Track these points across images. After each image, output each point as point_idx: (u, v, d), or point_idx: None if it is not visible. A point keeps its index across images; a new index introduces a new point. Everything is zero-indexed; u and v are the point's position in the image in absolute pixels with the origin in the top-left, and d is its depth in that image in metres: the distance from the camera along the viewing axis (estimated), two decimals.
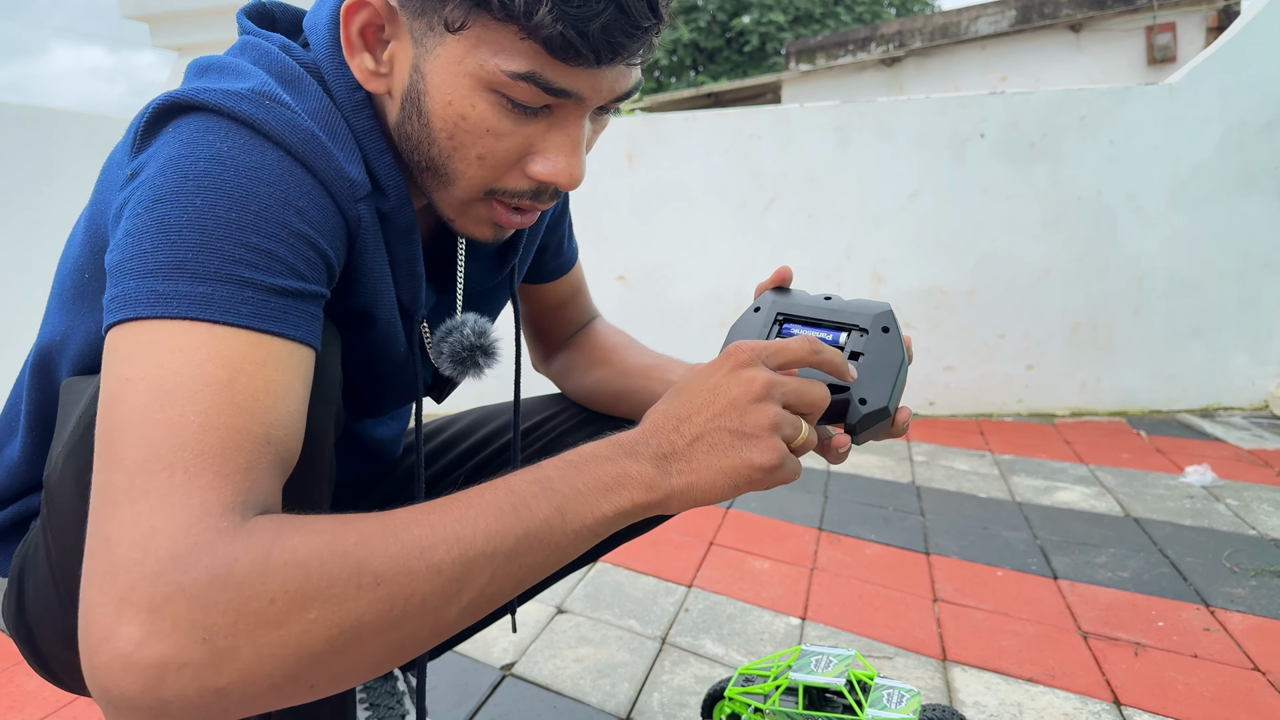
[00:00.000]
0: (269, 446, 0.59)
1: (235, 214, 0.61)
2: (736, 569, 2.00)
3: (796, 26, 19.66)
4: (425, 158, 0.74)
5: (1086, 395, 3.50)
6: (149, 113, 0.66)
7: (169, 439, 0.55)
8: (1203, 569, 1.94)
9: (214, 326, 0.59)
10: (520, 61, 0.66)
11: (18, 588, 0.82)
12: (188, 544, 0.51)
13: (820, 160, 3.54)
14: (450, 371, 0.92)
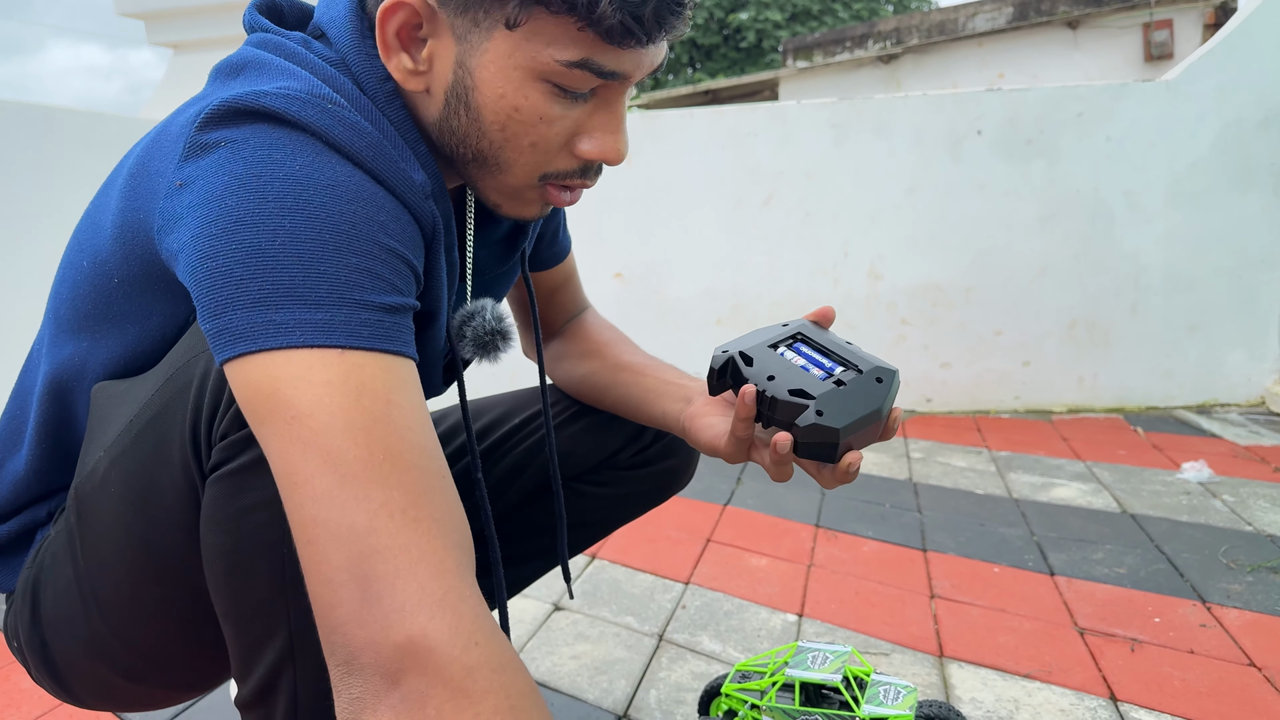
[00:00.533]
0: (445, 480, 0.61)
1: (328, 235, 0.60)
2: (734, 566, 2.00)
3: (793, 24, 19.64)
4: (474, 150, 0.75)
5: (1083, 392, 3.50)
6: (204, 116, 0.63)
7: (391, 483, 0.57)
8: (1199, 565, 1.94)
9: (345, 352, 0.58)
10: (574, 50, 0.68)
11: (32, 600, 0.80)
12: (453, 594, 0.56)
13: (817, 157, 3.54)
14: (471, 355, 0.93)
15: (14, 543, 0.86)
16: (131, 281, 0.72)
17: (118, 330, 0.75)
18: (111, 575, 0.73)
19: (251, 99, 0.63)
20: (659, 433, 1.20)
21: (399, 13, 0.69)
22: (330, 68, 0.71)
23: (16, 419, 0.86)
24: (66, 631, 0.77)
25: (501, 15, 0.66)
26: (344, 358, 0.58)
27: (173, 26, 3.95)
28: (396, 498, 0.56)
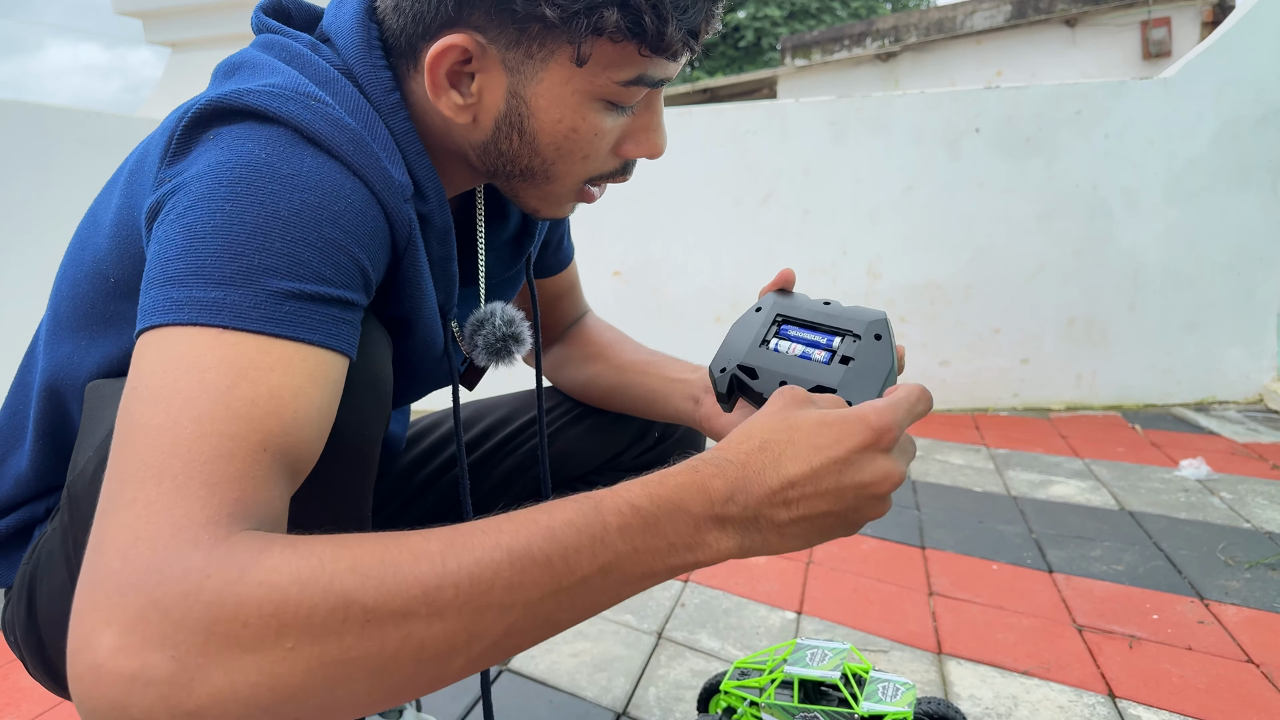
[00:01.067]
0: (266, 454, 0.56)
1: (261, 219, 0.60)
2: (732, 564, 2.01)
3: (792, 21, 19.64)
4: (523, 168, 0.77)
5: (1082, 389, 3.50)
6: (189, 116, 0.64)
7: (160, 446, 0.53)
8: (1197, 562, 1.95)
9: (222, 332, 0.57)
10: (631, 70, 0.71)
11: (28, 596, 0.80)
12: (165, 555, 0.49)
13: (816, 155, 3.54)
14: (485, 361, 0.94)
15: (13, 538, 0.86)
16: (126, 281, 0.73)
17: (114, 330, 0.76)
18: None
19: (234, 97, 0.64)
20: (663, 433, 1.20)
21: (450, 54, 0.70)
22: (334, 71, 0.71)
23: (17, 415, 0.86)
24: (62, 628, 0.77)
25: (566, 53, 0.69)
26: (220, 336, 0.57)
27: (171, 25, 3.95)
28: (173, 465, 0.52)
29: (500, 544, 0.52)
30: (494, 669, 1.56)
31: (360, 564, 0.50)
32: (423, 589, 0.50)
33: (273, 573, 0.49)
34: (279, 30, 0.75)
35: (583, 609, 0.55)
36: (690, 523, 0.57)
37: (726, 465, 0.59)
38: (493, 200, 0.96)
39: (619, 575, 0.55)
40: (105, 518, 0.52)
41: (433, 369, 0.90)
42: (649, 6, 0.66)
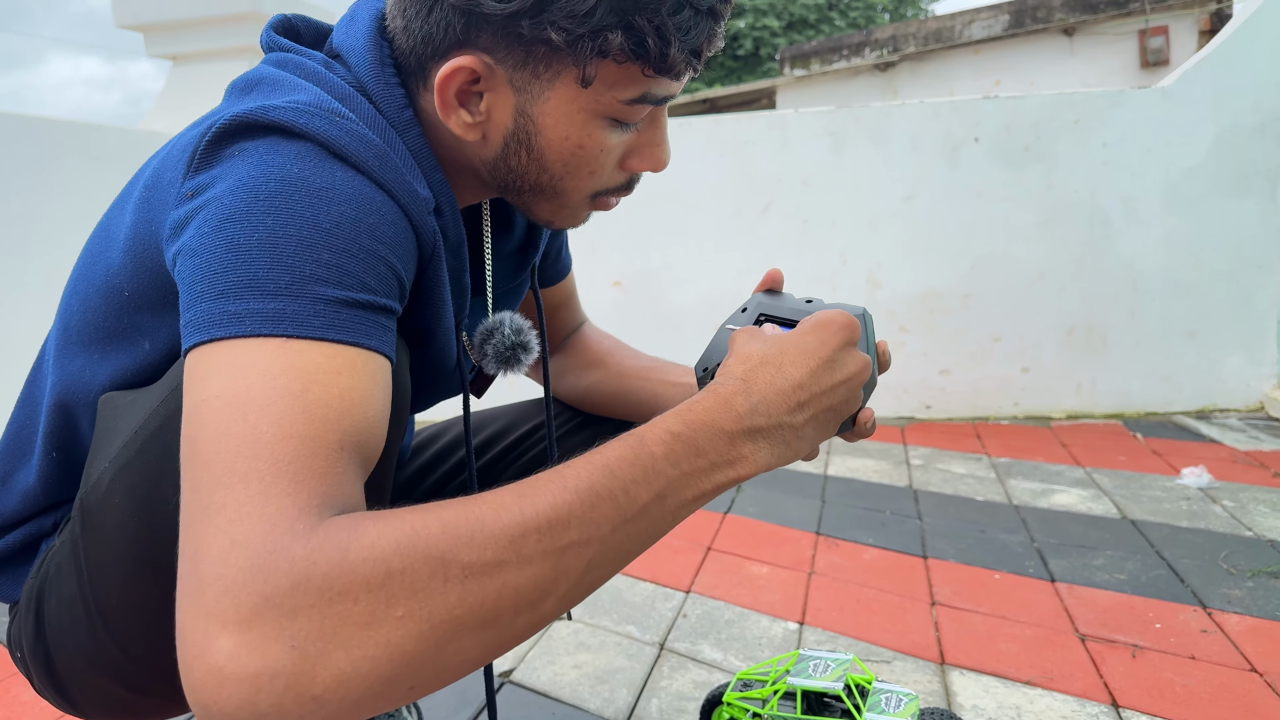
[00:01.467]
0: (343, 452, 0.57)
1: (305, 231, 0.61)
2: (734, 574, 2.00)
3: (790, 31, 19.71)
4: (532, 183, 0.79)
5: (1082, 398, 3.50)
6: (213, 131, 0.65)
7: (243, 451, 0.54)
8: (1200, 571, 1.94)
9: (287, 341, 0.59)
10: (635, 89, 0.72)
11: (36, 610, 0.80)
12: (266, 551, 0.50)
13: (815, 165, 3.55)
14: (495, 369, 0.95)
15: (19, 553, 0.86)
16: (142, 294, 0.73)
17: (127, 343, 0.76)
18: (115, 585, 0.73)
19: (260, 113, 0.64)
20: None
21: (459, 75, 0.71)
22: (349, 88, 0.73)
23: (25, 429, 0.86)
24: (70, 642, 0.77)
25: (571, 74, 0.70)
26: (285, 345, 0.58)
27: (171, 38, 3.96)
28: (258, 468, 0.54)
29: (567, 486, 0.57)
30: (496, 680, 1.55)
31: (449, 524, 0.53)
32: (509, 537, 0.53)
33: (372, 547, 0.51)
34: (291, 49, 0.76)
35: (646, 536, 0.60)
36: (725, 439, 0.63)
37: (740, 383, 0.66)
38: (498, 212, 0.97)
39: (674, 499, 0.61)
40: (195, 526, 0.53)
41: (445, 379, 0.91)
42: (652, 29, 0.67)
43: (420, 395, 0.91)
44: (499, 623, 0.53)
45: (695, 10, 0.69)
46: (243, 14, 3.77)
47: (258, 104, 0.66)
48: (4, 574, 0.87)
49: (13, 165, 2.62)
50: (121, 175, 2.90)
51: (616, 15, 0.67)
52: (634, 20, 0.67)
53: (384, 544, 0.51)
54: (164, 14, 3.87)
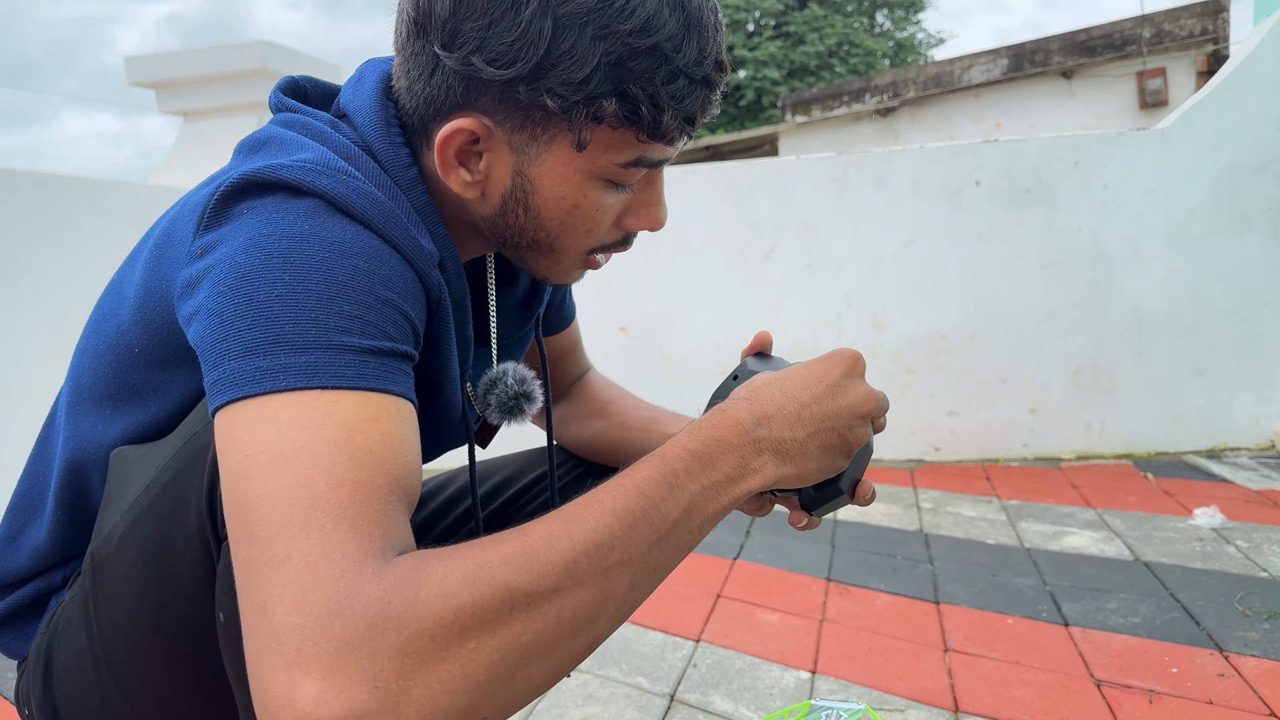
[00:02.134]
0: (393, 495, 0.59)
1: (323, 286, 0.62)
2: (745, 622, 1.98)
3: (791, 79, 19.96)
4: (530, 240, 0.80)
5: (1091, 438, 3.49)
6: (222, 190, 0.67)
7: (300, 501, 0.56)
8: (1215, 613, 1.92)
9: (323, 392, 0.60)
10: (630, 153, 0.73)
11: (44, 667, 0.80)
12: (341, 596, 0.52)
13: (817, 210, 3.57)
14: (498, 420, 0.96)
15: (28, 608, 0.86)
16: (152, 351, 0.74)
17: (138, 400, 0.77)
18: (125, 640, 0.73)
19: (268, 171, 0.66)
20: None
21: (458, 136, 0.73)
22: (354, 147, 0.74)
23: (36, 485, 0.87)
24: (79, 698, 0.77)
25: (567, 138, 0.72)
26: (322, 396, 0.60)
27: (182, 95, 4.03)
28: (318, 517, 0.55)
29: (606, 509, 0.60)
30: None
31: (508, 556, 0.56)
32: (563, 564, 0.56)
33: (441, 583, 0.53)
34: (298, 109, 0.78)
35: (677, 550, 0.64)
36: (735, 453, 0.67)
37: (746, 402, 0.70)
38: (502, 266, 0.99)
39: (698, 513, 0.65)
40: (259, 579, 0.54)
41: (451, 430, 0.91)
42: (646, 97, 0.69)
43: (427, 446, 0.92)
44: (560, 646, 0.57)
45: (690, 79, 0.71)
46: (252, 71, 3.84)
47: (265, 163, 0.67)
48: (13, 630, 0.87)
49: (25, 221, 2.66)
50: (132, 230, 2.93)
51: (611, 83, 0.68)
52: (628, 88, 0.68)
53: (452, 579, 0.53)
54: (175, 72, 3.95)
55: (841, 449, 0.73)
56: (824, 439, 0.71)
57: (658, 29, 0.68)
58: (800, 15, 20.25)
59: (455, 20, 0.69)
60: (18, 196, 2.64)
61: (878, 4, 22.74)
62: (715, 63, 0.73)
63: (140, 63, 4.00)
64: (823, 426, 0.71)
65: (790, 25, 20.22)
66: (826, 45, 20.09)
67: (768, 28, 20.67)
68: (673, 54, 0.69)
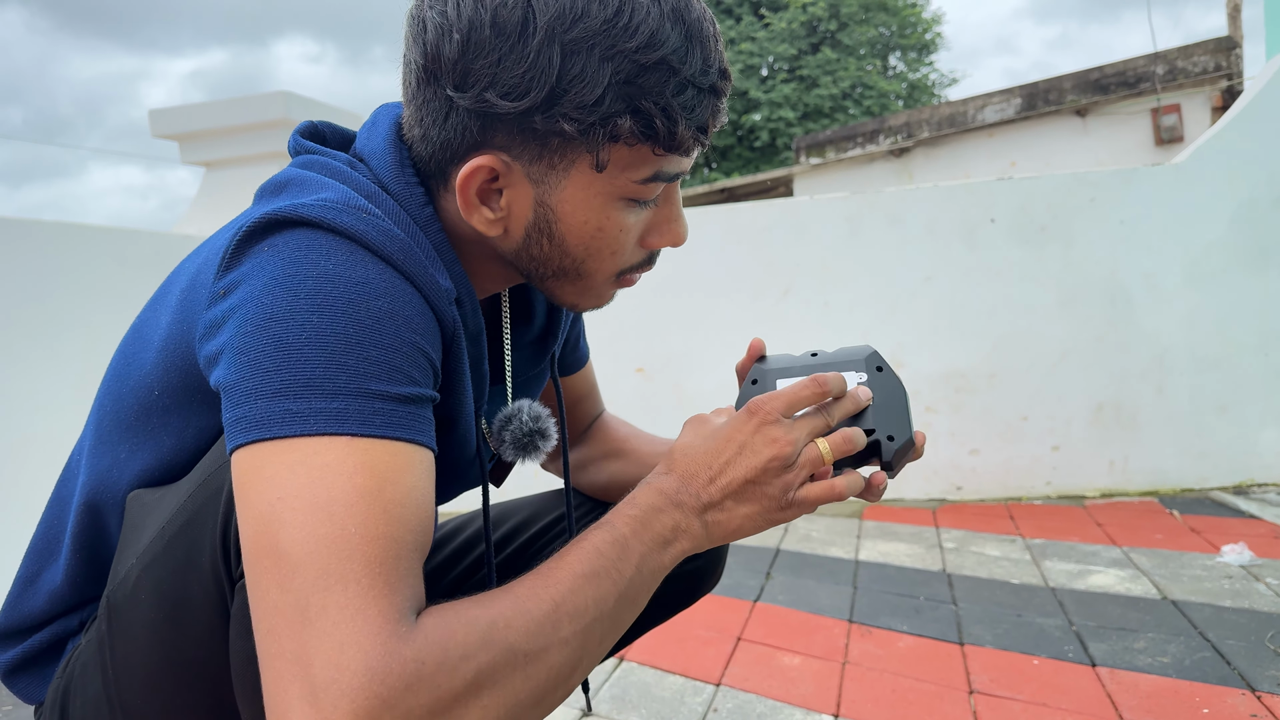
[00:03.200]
0: (416, 552, 0.62)
1: (352, 329, 0.63)
2: (766, 665, 1.96)
3: (806, 121, 20.11)
4: (555, 268, 0.81)
5: (1115, 475, 3.45)
6: (245, 229, 0.67)
7: (337, 553, 0.57)
8: (1246, 652, 1.88)
9: (354, 440, 0.61)
10: (648, 168, 0.75)
11: (60, 713, 0.80)
12: (379, 655, 0.54)
13: (833, 249, 3.58)
14: (512, 457, 0.96)
15: (45, 653, 0.86)
16: (171, 394, 0.74)
17: (154, 442, 0.77)
18: (141, 683, 0.73)
19: (290, 210, 0.67)
20: None
21: (479, 175, 0.74)
22: (374, 185, 0.75)
23: (54, 528, 0.87)
24: None
25: (586, 161, 0.73)
26: (352, 444, 0.61)
27: (205, 146, 4.10)
28: (354, 570, 0.57)
29: (575, 571, 0.66)
30: None
31: (509, 617, 0.61)
32: (551, 623, 0.62)
33: (464, 645, 0.57)
34: (317, 150, 0.79)
35: (635, 606, 0.70)
36: (665, 517, 0.73)
37: (665, 472, 0.77)
38: (518, 303, 0.99)
39: (647, 570, 0.71)
40: (293, 629, 0.56)
41: (465, 469, 0.91)
42: (659, 110, 0.70)
43: (442, 485, 0.91)
44: (545, 700, 0.62)
45: (698, 89, 0.72)
46: (272, 121, 3.91)
47: (287, 203, 0.68)
48: (30, 675, 0.87)
49: (51, 271, 2.70)
50: (154, 278, 2.97)
51: (624, 101, 0.69)
52: (640, 104, 0.70)
53: (470, 643, 0.57)
54: (197, 124, 4.03)
55: (767, 502, 0.75)
56: (743, 493, 0.75)
57: (662, 43, 0.69)
58: (813, 59, 20.45)
59: (465, 60, 0.70)
60: (44, 246, 2.69)
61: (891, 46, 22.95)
62: (720, 71, 0.74)
63: (164, 115, 4.08)
64: (736, 486, 0.75)
65: (804, 69, 20.42)
66: (840, 88, 20.25)
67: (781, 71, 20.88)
68: (679, 65, 0.70)
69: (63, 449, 2.52)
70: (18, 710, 1.93)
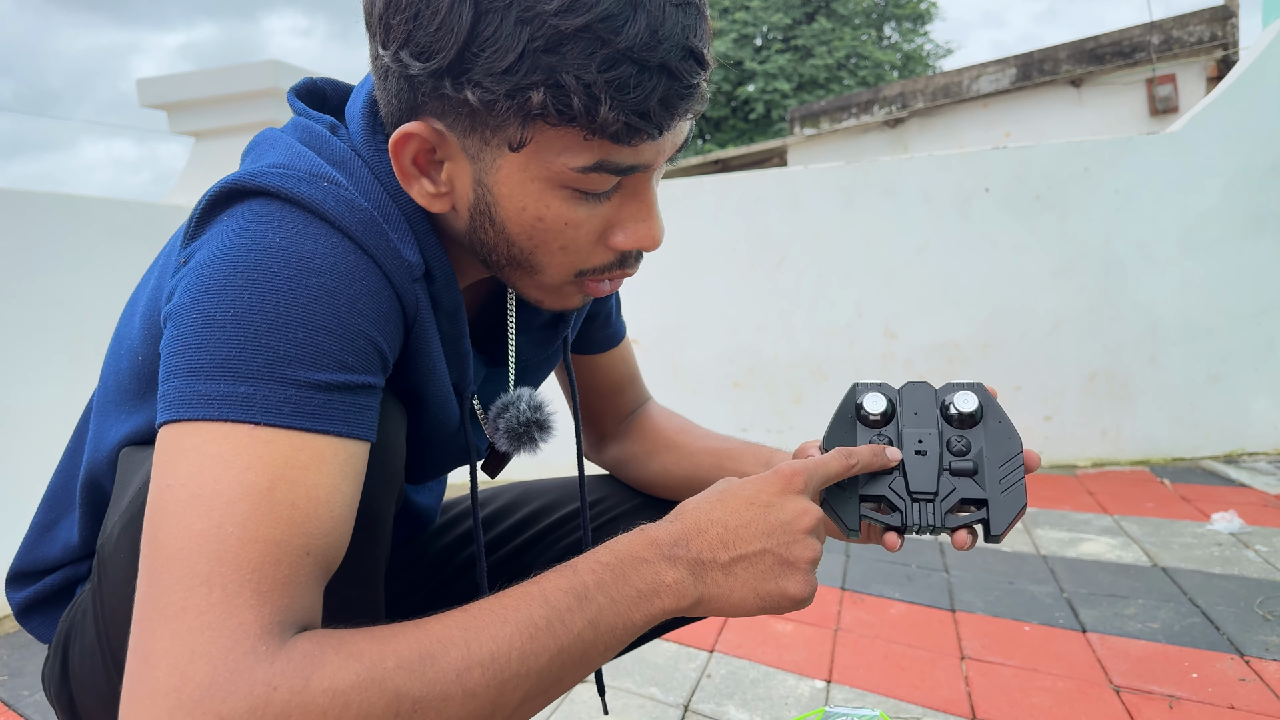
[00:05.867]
0: (309, 558, 0.57)
1: (281, 308, 0.60)
2: (758, 632, 1.97)
3: (800, 93, 20.00)
4: (506, 257, 0.74)
5: (1107, 445, 3.46)
6: (208, 197, 0.65)
7: (206, 551, 0.54)
8: (1235, 617, 1.90)
9: (256, 429, 0.58)
10: (586, 155, 0.65)
11: (62, 654, 0.81)
12: (226, 670, 0.50)
13: (827, 220, 3.57)
14: (507, 447, 0.90)
15: (56, 595, 0.87)
16: (152, 359, 0.74)
17: (145, 405, 0.77)
18: (125, 636, 0.73)
19: (248, 178, 0.65)
20: None
21: (410, 143, 0.69)
22: (350, 152, 0.72)
23: (69, 480, 0.88)
24: (90, 688, 0.78)
25: (505, 137, 0.65)
26: (253, 433, 0.57)
27: (194, 116, 4.06)
28: (221, 573, 0.53)
29: (508, 619, 0.58)
30: None
31: (403, 659, 0.54)
32: (456, 673, 0.55)
33: (333, 679, 0.51)
34: (303, 112, 0.77)
35: (580, 664, 0.61)
36: (649, 569, 0.65)
37: (667, 522, 0.68)
38: None
39: (605, 626, 0.62)
40: (151, 626, 0.53)
41: (447, 446, 0.89)
42: (581, 87, 0.60)
43: (423, 460, 0.90)
44: None
45: (640, 66, 0.61)
46: (261, 90, 3.87)
47: (246, 169, 0.66)
48: (43, 615, 0.88)
49: (42, 241, 2.68)
50: (145, 249, 2.95)
51: (543, 72, 0.60)
52: (561, 78, 0.60)
53: (344, 677, 0.52)
54: (186, 93, 3.98)
55: (781, 568, 0.68)
56: (754, 560, 0.67)
57: (589, 7, 0.59)
58: (808, 29, 20.31)
59: (387, 15, 0.65)
60: (35, 217, 2.66)
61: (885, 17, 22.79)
62: (682, 48, 0.63)
63: (152, 85, 4.03)
64: (752, 550, 0.67)
65: (799, 39, 20.28)
66: (835, 58, 20.13)
67: (776, 41, 20.74)
68: (610, 36, 0.60)
69: (59, 416, 2.52)
70: (13, 681, 1.94)
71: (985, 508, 0.73)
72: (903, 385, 0.81)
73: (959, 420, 0.77)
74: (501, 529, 1.13)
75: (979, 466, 0.74)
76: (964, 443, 0.76)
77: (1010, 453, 0.75)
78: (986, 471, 0.74)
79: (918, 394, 0.80)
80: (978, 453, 0.75)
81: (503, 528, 1.13)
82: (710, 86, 0.71)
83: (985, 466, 0.74)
